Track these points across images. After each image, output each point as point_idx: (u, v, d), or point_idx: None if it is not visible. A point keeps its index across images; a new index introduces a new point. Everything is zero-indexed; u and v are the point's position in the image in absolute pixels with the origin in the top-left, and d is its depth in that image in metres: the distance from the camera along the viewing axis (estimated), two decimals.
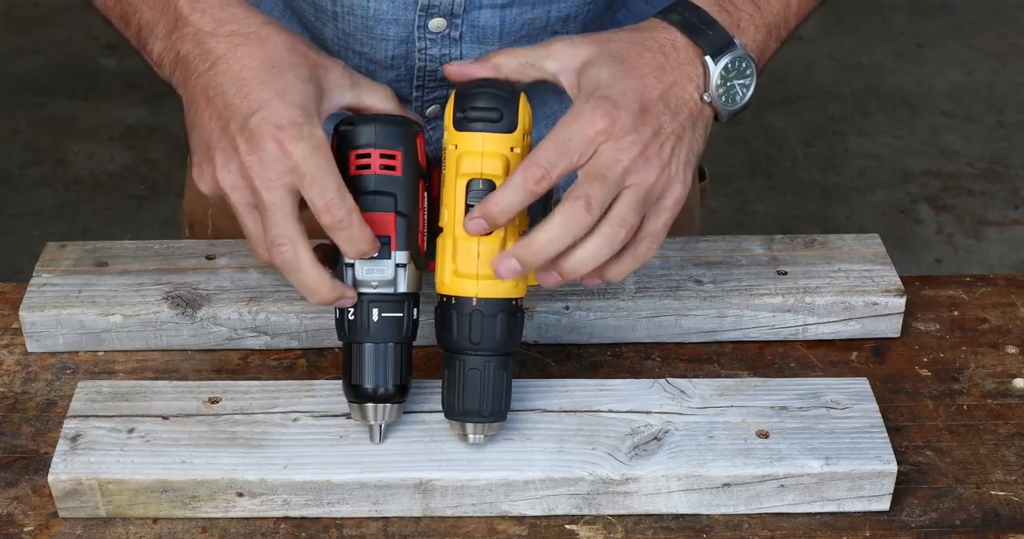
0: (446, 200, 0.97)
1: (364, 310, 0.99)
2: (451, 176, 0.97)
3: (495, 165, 0.96)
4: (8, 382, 1.12)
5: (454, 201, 0.96)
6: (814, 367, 1.15)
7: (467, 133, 0.96)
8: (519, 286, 0.98)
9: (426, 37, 1.14)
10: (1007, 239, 3.00)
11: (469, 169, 0.96)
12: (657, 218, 0.96)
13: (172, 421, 1.02)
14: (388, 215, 0.98)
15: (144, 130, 3.32)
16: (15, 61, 3.58)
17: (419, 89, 1.19)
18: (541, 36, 1.15)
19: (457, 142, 0.97)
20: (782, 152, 3.29)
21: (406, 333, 1.00)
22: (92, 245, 1.21)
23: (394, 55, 1.16)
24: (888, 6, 3.87)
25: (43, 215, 3.03)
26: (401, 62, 1.16)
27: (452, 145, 0.97)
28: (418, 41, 1.15)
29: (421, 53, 1.15)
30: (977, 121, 3.39)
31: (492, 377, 0.98)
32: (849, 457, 1.00)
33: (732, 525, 1.00)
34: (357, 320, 0.99)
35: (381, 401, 0.99)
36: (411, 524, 1.00)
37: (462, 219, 0.96)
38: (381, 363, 0.99)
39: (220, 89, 0.95)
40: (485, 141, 0.96)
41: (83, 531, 0.99)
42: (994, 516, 1.01)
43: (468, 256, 0.96)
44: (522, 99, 0.98)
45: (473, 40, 1.15)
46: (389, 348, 0.99)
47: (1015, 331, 1.19)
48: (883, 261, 1.20)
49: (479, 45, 1.15)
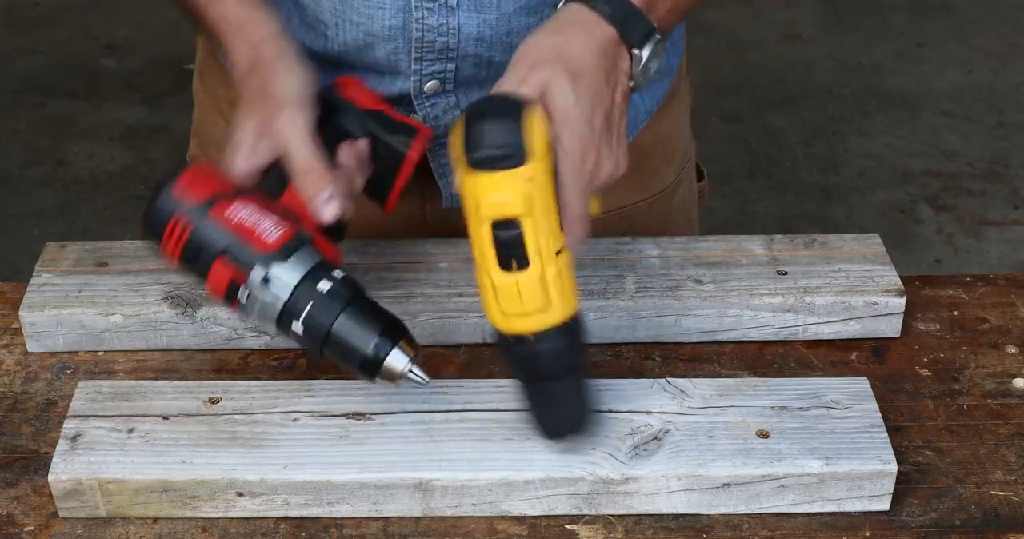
0: (474, 243, 0.94)
1: (293, 332, 0.98)
2: (474, 219, 0.93)
3: (516, 204, 0.92)
4: (8, 382, 1.12)
5: (482, 244, 0.93)
6: (814, 367, 1.15)
7: (480, 175, 0.92)
8: (569, 304, 0.96)
9: (423, 6, 1.14)
10: (1007, 239, 3.00)
11: (490, 213, 0.92)
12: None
13: (172, 421, 1.02)
14: (216, 265, 0.98)
15: (144, 130, 3.32)
16: (15, 61, 3.58)
17: (417, 61, 1.19)
18: (539, 7, 1.15)
19: (472, 184, 0.92)
20: (782, 152, 3.29)
21: (338, 301, 0.98)
22: (92, 245, 1.21)
23: (391, 25, 1.16)
24: (888, 6, 3.87)
25: (43, 215, 3.04)
26: (399, 33, 1.16)
27: (468, 187, 0.93)
28: (415, 10, 1.15)
29: (419, 23, 1.15)
30: (977, 121, 3.39)
31: (575, 396, 0.99)
32: (849, 457, 1.00)
33: (732, 525, 1.00)
34: (301, 340, 0.99)
35: (383, 359, 0.98)
36: (411, 524, 1.00)
37: (494, 262, 0.93)
38: (354, 332, 0.98)
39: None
40: (502, 180, 0.92)
41: (83, 531, 0.99)
42: (994, 516, 1.01)
43: (511, 298, 0.94)
44: (533, 118, 0.93)
45: (471, 8, 1.15)
46: (339, 327, 0.97)
47: (1015, 331, 1.19)
48: (883, 261, 1.20)
49: (477, 14, 1.15)
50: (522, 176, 0.92)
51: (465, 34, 1.16)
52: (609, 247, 1.21)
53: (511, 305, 0.94)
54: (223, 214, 0.98)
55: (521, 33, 1.16)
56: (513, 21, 1.16)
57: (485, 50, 1.18)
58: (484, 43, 1.17)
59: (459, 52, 1.18)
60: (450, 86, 1.21)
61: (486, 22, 1.16)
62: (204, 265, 0.98)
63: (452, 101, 1.22)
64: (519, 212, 0.92)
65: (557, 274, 0.94)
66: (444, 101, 1.22)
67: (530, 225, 0.92)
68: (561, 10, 1.04)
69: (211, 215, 0.98)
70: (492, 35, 1.17)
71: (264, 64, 1.07)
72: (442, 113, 1.23)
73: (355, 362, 0.98)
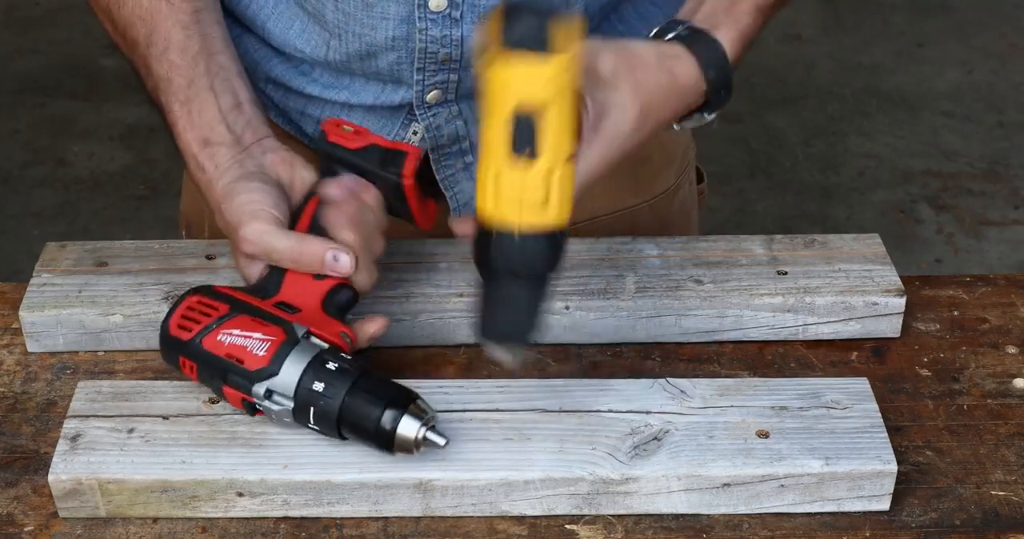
0: (488, 129, 0.92)
1: (307, 423, 0.99)
2: (496, 103, 0.91)
3: (547, 90, 0.90)
4: (8, 382, 1.12)
5: (497, 129, 0.91)
6: (814, 367, 1.15)
7: (514, 57, 0.89)
8: (565, 211, 0.94)
9: (427, 17, 1.14)
10: (1007, 239, 3.00)
11: (517, 96, 0.90)
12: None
13: (172, 421, 1.02)
14: (225, 390, 1.00)
15: (144, 130, 3.32)
16: (15, 61, 3.58)
17: (420, 71, 1.18)
18: None
19: (503, 66, 0.90)
20: (782, 152, 3.29)
21: (339, 389, 0.98)
22: (92, 245, 1.21)
23: (395, 36, 1.16)
24: (888, 6, 3.87)
25: (43, 215, 3.04)
26: (402, 44, 1.16)
27: (497, 69, 0.91)
28: (418, 21, 1.15)
29: (422, 34, 1.15)
30: (977, 121, 3.39)
31: (532, 303, 0.97)
32: (849, 457, 1.00)
33: (732, 525, 1.00)
34: (320, 429, 1.00)
35: (397, 426, 0.98)
36: (411, 524, 1.00)
37: (507, 148, 0.91)
38: (361, 411, 0.98)
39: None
40: (536, 64, 0.90)
41: (83, 531, 0.99)
42: (994, 516, 1.01)
43: (512, 185, 0.92)
44: (572, 24, 0.91)
45: (474, 20, 1.15)
46: (347, 404, 0.98)
47: (1015, 331, 1.19)
48: (883, 261, 1.20)
49: (480, 25, 1.15)
50: (557, 65, 0.90)
51: (468, 46, 1.16)
52: (609, 247, 1.21)
53: (510, 192, 0.93)
54: (214, 342, 1.00)
55: None
56: None
57: None
58: None
59: (462, 63, 1.18)
60: (452, 96, 1.21)
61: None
62: (219, 391, 1.02)
63: (455, 111, 1.22)
64: (547, 98, 0.91)
65: (561, 177, 0.93)
66: (446, 111, 1.22)
67: (554, 116, 0.91)
68: (672, 52, 1.05)
69: (205, 347, 1.01)
70: None
71: (220, 198, 1.07)
72: (444, 123, 1.23)
73: (371, 439, 0.98)
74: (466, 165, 1.26)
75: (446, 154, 1.25)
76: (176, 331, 1.02)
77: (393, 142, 1.10)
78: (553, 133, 0.92)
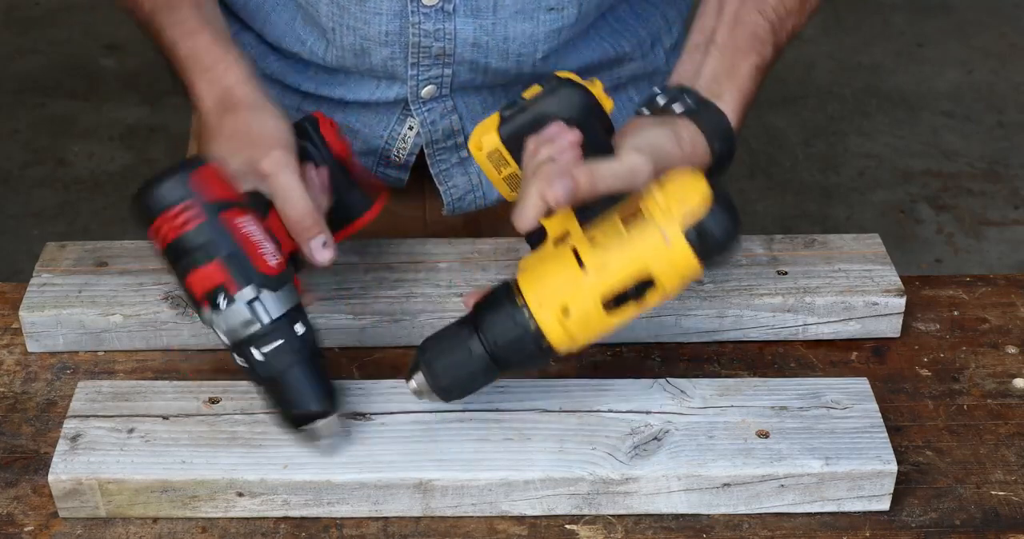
0: (603, 269, 0.94)
1: (248, 355, 0.98)
2: (627, 254, 0.93)
3: (668, 278, 0.94)
4: (8, 382, 1.12)
5: (608, 277, 0.94)
6: (814, 367, 1.15)
7: (676, 238, 0.92)
8: (575, 347, 0.98)
9: (420, 11, 1.14)
10: (1007, 239, 3.00)
11: (647, 266, 0.93)
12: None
13: (172, 421, 1.02)
14: (210, 265, 0.96)
15: (144, 130, 3.32)
16: (15, 61, 3.58)
17: (414, 67, 1.19)
18: (535, 11, 1.15)
19: (651, 231, 0.93)
20: (782, 152, 3.29)
21: (305, 349, 0.98)
22: (92, 245, 1.21)
23: (388, 30, 1.16)
24: (888, 6, 3.87)
25: (43, 215, 3.03)
26: (395, 38, 1.17)
27: (647, 227, 0.93)
28: (411, 15, 1.15)
29: (415, 28, 1.15)
30: (977, 121, 3.39)
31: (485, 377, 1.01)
32: (849, 457, 1.00)
33: (732, 525, 1.00)
34: (253, 366, 0.98)
35: (320, 418, 0.98)
36: (411, 524, 1.00)
37: (603, 292, 0.94)
38: (307, 383, 0.98)
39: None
40: (681, 256, 0.93)
41: (83, 531, 0.99)
42: (994, 516, 1.01)
43: (582, 318, 0.95)
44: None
45: (467, 14, 1.15)
46: (295, 372, 0.98)
47: (1015, 331, 1.19)
48: (883, 261, 1.20)
49: (473, 19, 1.15)
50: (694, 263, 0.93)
51: (461, 40, 1.16)
52: None
53: (577, 319, 0.95)
54: (233, 221, 0.97)
55: (518, 39, 1.16)
56: (510, 27, 1.16)
57: (481, 56, 1.18)
58: (480, 49, 1.17)
59: (455, 57, 1.18)
60: (447, 91, 1.21)
61: (482, 28, 1.16)
62: (196, 261, 0.97)
63: (449, 106, 1.22)
64: (672, 286, 0.94)
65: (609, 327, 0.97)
66: (441, 106, 1.22)
67: (659, 295, 0.96)
68: (684, 127, 1.04)
69: (222, 218, 0.97)
70: (488, 41, 1.17)
71: (241, 105, 1.07)
72: (439, 118, 1.23)
73: (291, 408, 0.98)
74: (461, 160, 1.26)
75: (441, 149, 1.25)
76: (197, 184, 0.97)
77: (364, 175, 1.12)
78: (652, 299, 0.95)
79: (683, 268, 0.92)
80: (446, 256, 1.20)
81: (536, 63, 1.19)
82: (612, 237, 0.93)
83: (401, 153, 1.26)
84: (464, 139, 1.25)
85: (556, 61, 1.21)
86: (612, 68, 1.27)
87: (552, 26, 1.17)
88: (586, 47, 1.23)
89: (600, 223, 0.95)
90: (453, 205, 1.29)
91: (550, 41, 1.18)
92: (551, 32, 1.17)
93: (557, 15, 1.16)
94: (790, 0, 1.12)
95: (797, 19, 1.13)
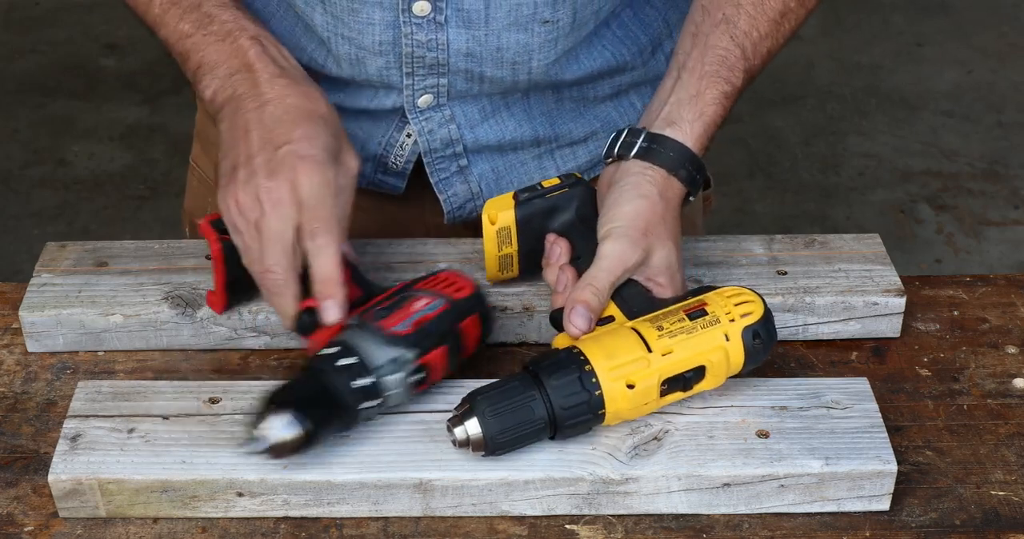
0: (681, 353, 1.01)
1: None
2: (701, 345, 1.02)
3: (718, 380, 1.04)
4: (8, 382, 1.12)
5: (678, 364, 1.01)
6: (814, 367, 1.15)
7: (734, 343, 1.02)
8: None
9: (411, 22, 1.15)
10: (1007, 239, 3.00)
11: (706, 358, 1.03)
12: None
13: (172, 421, 1.02)
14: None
15: (144, 130, 3.32)
16: (15, 61, 3.58)
17: (409, 76, 1.19)
18: (529, 23, 1.15)
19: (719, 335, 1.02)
20: (782, 152, 3.29)
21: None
22: (92, 245, 1.21)
23: (381, 40, 1.16)
24: (888, 6, 3.87)
25: (43, 215, 3.03)
26: (389, 48, 1.17)
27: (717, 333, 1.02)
28: (404, 26, 1.15)
29: (408, 38, 1.16)
30: (977, 121, 3.39)
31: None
32: (849, 457, 1.00)
33: (732, 525, 1.00)
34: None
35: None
36: (411, 524, 1.00)
37: (663, 377, 1.01)
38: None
39: (261, 124, 1.06)
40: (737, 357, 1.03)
41: (83, 531, 0.99)
42: (994, 516, 1.01)
43: (638, 390, 1.00)
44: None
45: (459, 25, 1.15)
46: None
47: (1015, 331, 1.19)
48: (883, 261, 1.20)
49: (466, 30, 1.15)
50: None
51: (454, 49, 1.16)
52: None
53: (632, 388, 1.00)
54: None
55: (512, 49, 1.16)
56: (503, 38, 1.16)
57: (476, 65, 1.18)
58: (474, 58, 1.17)
59: (450, 67, 1.18)
60: (444, 100, 1.21)
61: (475, 38, 1.16)
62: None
63: (447, 115, 1.22)
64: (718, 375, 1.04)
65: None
66: (439, 115, 1.22)
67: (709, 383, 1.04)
68: (643, 170, 1.08)
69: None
70: (482, 51, 1.17)
71: (294, 72, 1.10)
72: (437, 127, 1.23)
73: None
74: (460, 168, 1.26)
75: (440, 158, 1.25)
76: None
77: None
78: (696, 388, 1.02)
79: (733, 363, 1.02)
80: (446, 256, 1.20)
81: (533, 71, 1.19)
82: (678, 328, 1.01)
83: (399, 160, 1.26)
84: (463, 148, 1.25)
85: (556, 72, 1.21)
86: (613, 76, 1.27)
87: (547, 37, 1.17)
88: (587, 56, 1.23)
89: (665, 314, 1.02)
90: (453, 214, 1.29)
91: (545, 51, 1.18)
92: (546, 42, 1.17)
93: (552, 26, 1.16)
94: (763, 25, 1.15)
95: (773, 41, 1.16)
